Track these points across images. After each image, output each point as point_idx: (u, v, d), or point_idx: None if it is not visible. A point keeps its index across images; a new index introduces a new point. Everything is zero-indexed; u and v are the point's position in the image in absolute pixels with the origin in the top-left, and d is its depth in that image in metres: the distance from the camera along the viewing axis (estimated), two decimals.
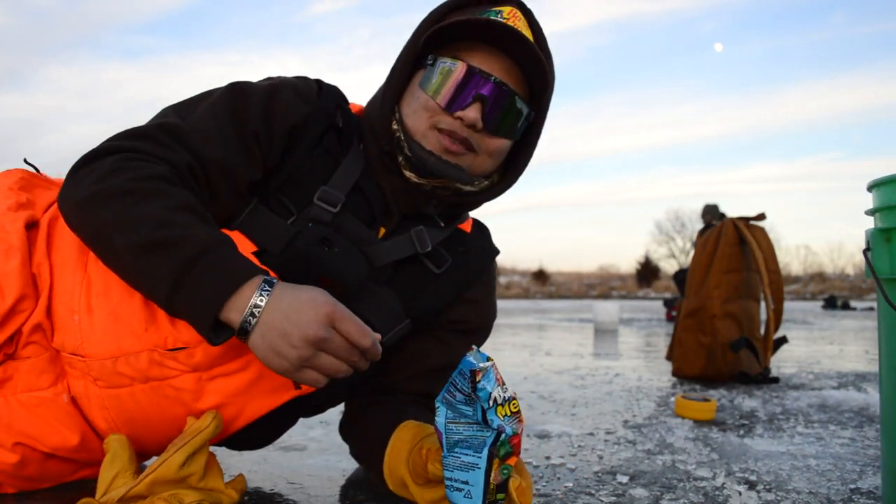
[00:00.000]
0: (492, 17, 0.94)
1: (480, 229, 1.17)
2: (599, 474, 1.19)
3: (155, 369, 0.90)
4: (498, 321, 7.62)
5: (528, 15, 0.99)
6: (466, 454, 0.78)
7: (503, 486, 0.78)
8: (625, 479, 1.15)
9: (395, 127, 0.98)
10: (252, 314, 0.78)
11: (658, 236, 43.47)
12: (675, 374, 2.69)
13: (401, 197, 1.01)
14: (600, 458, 1.31)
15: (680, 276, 8.02)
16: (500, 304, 1.33)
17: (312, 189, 0.98)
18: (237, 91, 0.97)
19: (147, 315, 0.90)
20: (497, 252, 1.18)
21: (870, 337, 5.58)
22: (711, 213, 7.72)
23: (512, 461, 0.77)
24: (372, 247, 0.98)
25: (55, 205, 0.97)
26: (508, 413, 0.77)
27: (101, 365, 0.90)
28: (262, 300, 0.78)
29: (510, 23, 0.94)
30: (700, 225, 8.90)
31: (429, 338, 1.11)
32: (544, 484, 1.12)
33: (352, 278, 0.94)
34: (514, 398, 0.79)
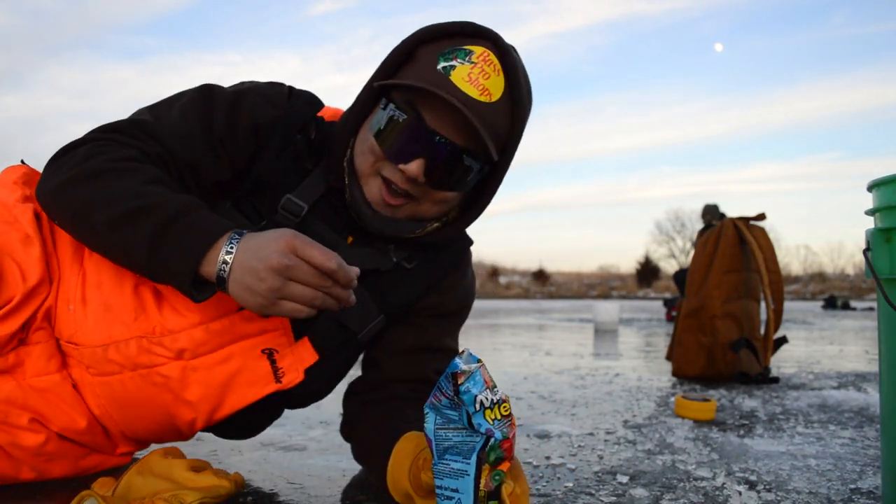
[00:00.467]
0: (446, 64, 0.91)
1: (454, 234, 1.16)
2: (599, 474, 1.19)
3: (143, 356, 0.94)
4: (498, 321, 7.63)
5: (503, 56, 0.94)
6: (456, 461, 0.75)
7: (495, 493, 0.75)
8: (625, 479, 1.15)
9: (344, 165, 0.99)
10: (224, 262, 0.83)
11: (658, 236, 43.52)
12: (675, 374, 2.69)
13: (362, 221, 1.00)
14: (600, 458, 1.31)
15: (680, 276, 8.02)
16: (501, 304, 1.34)
17: (278, 197, 1.00)
18: (206, 94, 1.00)
19: (136, 305, 0.95)
20: (470, 242, 1.17)
21: (870, 337, 5.58)
22: (711, 213, 7.72)
23: (504, 466, 0.75)
24: (339, 249, 0.97)
25: None
26: (498, 416, 0.74)
27: (93, 353, 0.95)
28: (232, 248, 0.83)
29: (477, 70, 0.91)
30: (700, 225, 8.90)
31: (402, 325, 1.13)
32: (544, 484, 1.12)
33: None
34: (505, 401, 0.76)
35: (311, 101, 1.05)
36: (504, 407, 0.75)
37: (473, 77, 0.91)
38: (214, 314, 0.96)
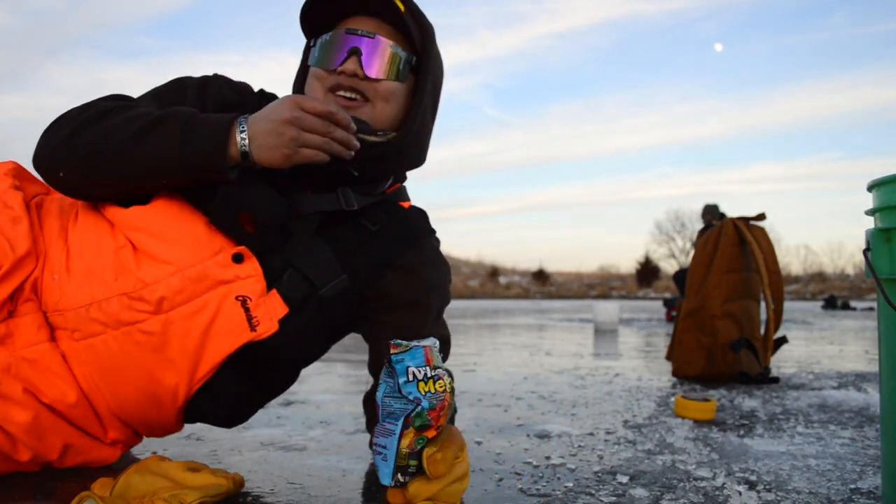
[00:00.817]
0: None
1: (419, 210, 1.24)
2: (599, 474, 1.19)
3: (125, 313, 0.99)
4: (498, 321, 7.63)
5: None
6: (389, 423, 0.86)
7: (417, 455, 0.86)
8: (625, 479, 1.15)
9: None
10: (243, 139, 0.97)
11: (658, 236, 43.48)
12: (675, 374, 2.69)
13: (313, 166, 1.06)
14: (600, 458, 1.31)
15: (680, 276, 8.02)
16: (501, 304, 1.35)
17: None
18: (177, 80, 1.13)
19: (116, 266, 1.01)
20: (434, 232, 1.24)
21: (870, 337, 5.58)
22: (711, 213, 7.72)
23: (429, 433, 0.86)
24: (297, 197, 1.07)
25: (39, 195, 1.13)
26: (432, 390, 0.85)
27: (76, 314, 0.99)
28: (243, 126, 0.97)
29: None
30: (700, 225, 8.90)
31: (386, 327, 1.16)
32: (544, 484, 1.12)
33: (268, 212, 1.03)
34: (441, 378, 0.86)
35: (271, 95, 1.17)
36: (440, 384, 0.86)
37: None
38: (191, 261, 1.01)
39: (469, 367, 2.96)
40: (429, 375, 0.86)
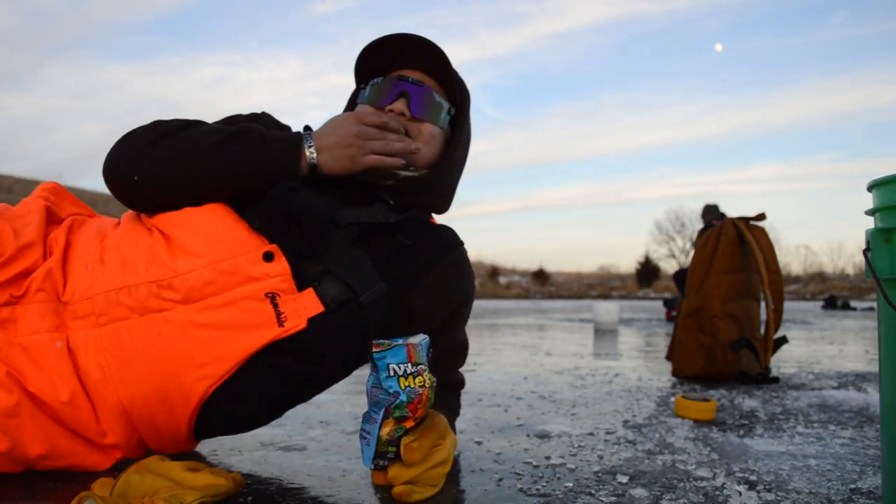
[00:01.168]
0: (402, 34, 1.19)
1: (444, 226, 1.31)
2: (599, 474, 1.19)
3: (152, 300, 1.03)
4: (498, 321, 7.63)
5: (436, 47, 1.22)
6: (374, 411, 0.94)
7: (395, 442, 0.94)
8: (625, 479, 1.15)
9: None
10: (311, 152, 1.09)
11: (658, 236, 43.55)
12: (675, 374, 2.69)
13: (352, 189, 1.18)
14: (600, 458, 1.31)
15: (680, 276, 8.02)
16: (501, 304, 1.38)
17: None
18: (230, 117, 1.21)
19: (149, 258, 1.06)
20: (462, 243, 1.30)
21: (870, 337, 5.58)
22: (711, 213, 7.73)
23: (407, 424, 0.94)
24: (337, 210, 1.13)
25: (80, 216, 1.21)
26: (412, 385, 0.92)
27: (106, 297, 1.04)
28: (311, 142, 1.10)
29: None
30: (700, 225, 8.90)
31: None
32: (544, 484, 1.12)
33: (315, 217, 1.08)
34: (422, 374, 0.93)
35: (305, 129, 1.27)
36: (419, 379, 0.93)
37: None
38: (223, 257, 1.05)
39: (469, 367, 2.96)
40: (409, 371, 0.92)
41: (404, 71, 1.22)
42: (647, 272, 40.84)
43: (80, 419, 1.04)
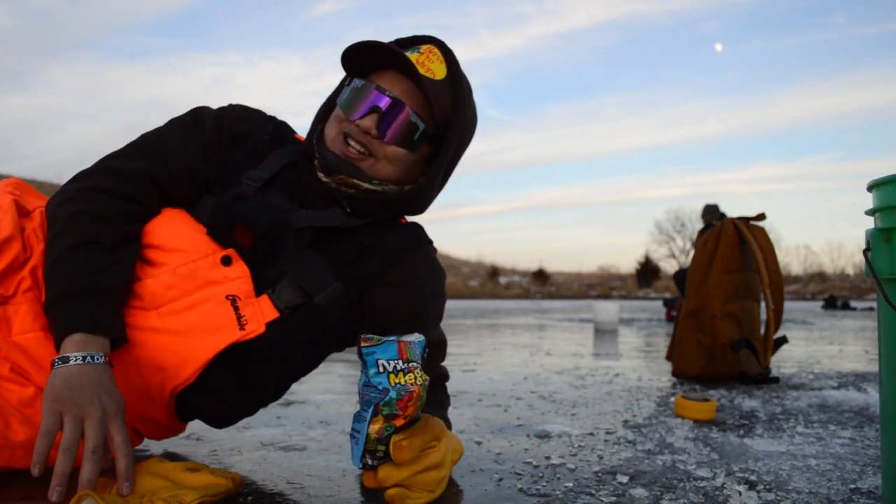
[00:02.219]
0: (403, 50, 1.11)
1: (414, 224, 1.28)
2: (599, 474, 1.19)
3: None
4: (498, 321, 7.62)
5: (445, 52, 1.15)
6: (364, 409, 0.93)
7: (385, 440, 0.92)
8: (625, 479, 1.15)
9: (315, 139, 1.16)
10: (75, 358, 0.92)
11: (658, 236, 43.54)
12: (675, 374, 2.69)
13: (314, 192, 1.15)
14: (600, 458, 1.31)
15: (680, 276, 8.02)
16: (501, 304, 1.36)
17: (242, 174, 1.16)
18: (196, 112, 1.19)
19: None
20: (430, 242, 1.26)
21: (870, 337, 5.58)
22: (711, 213, 7.72)
23: (397, 422, 0.91)
24: (292, 213, 1.13)
25: (39, 208, 1.18)
26: (402, 382, 0.90)
27: None
28: (76, 358, 0.92)
29: (423, 57, 1.12)
30: (700, 225, 8.90)
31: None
32: (544, 484, 1.12)
33: (262, 226, 1.08)
34: (412, 371, 0.92)
35: (285, 125, 1.25)
36: (409, 377, 0.91)
37: (420, 61, 1.11)
38: (182, 261, 1.06)
39: (469, 367, 2.96)
40: (399, 368, 0.91)
41: (388, 76, 1.12)
42: (647, 272, 40.83)
43: None
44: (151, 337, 1.04)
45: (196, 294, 1.05)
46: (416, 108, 1.11)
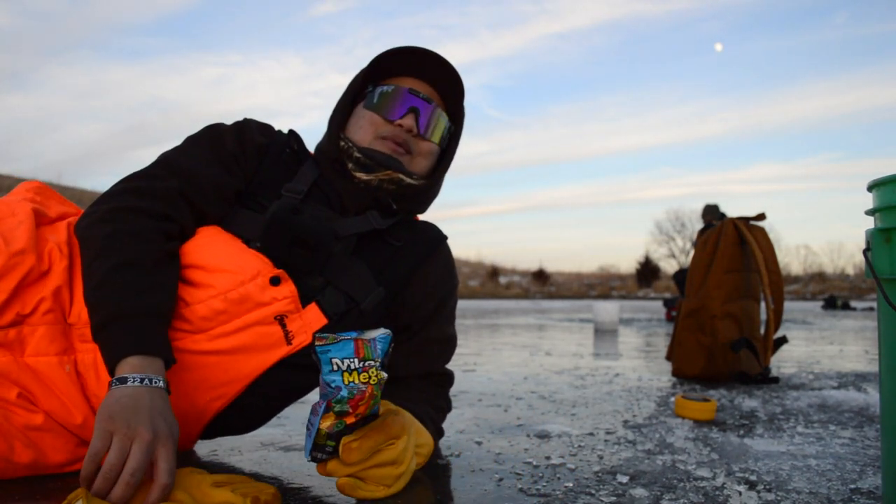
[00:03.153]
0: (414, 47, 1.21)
1: (427, 222, 1.35)
2: (599, 474, 1.19)
3: None
4: (498, 321, 7.62)
5: (440, 55, 1.23)
6: (320, 403, 0.93)
7: (335, 436, 0.92)
8: (625, 479, 1.15)
9: (342, 144, 1.20)
10: (134, 378, 0.89)
11: (658, 236, 43.58)
12: (675, 374, 2.69)
13: (352, 195, 1.20)
14: (600, 458, 1.31)
15: (680, 277, 8.02)
16: (501, 304, 1.39)
17: (279, 187, 1.18)
18: (214, 128, 1.20)
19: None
20: (446, 238, 1.35)
21: (870, 337, 5.58)
22: (712, 213, 7.72)
23: (348, 420, 0.91)
24: (335, 222, 1.16)
25: (63, 215, 1.18)
26: (356, 381, 0.90)
27: None
28: (135, 380, 0.89)
29: (428, 59, 1.21)
30: (700, 225, 8.90)
31: (405, 331, 1.28)
32: (544, 484, 1.12)
33: (320, 238, 1.10)
34: (367, 371, 0.91)
35: (295, 135, 1.28)
36: (364, 375, 0.91)
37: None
38: (231, 285, 1.05)
39: (469, 367, 2.96)
40: (353, 367, 0.90)
41: (416, 83, 1.24)
42: (647, 272, 40.83)
43: (91, 436, 1.03)
44: (201, 359, 1.04)
45: (245, 317, 1.05)
46: (442, 106, 1.26)
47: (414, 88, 1.22)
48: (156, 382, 0.90)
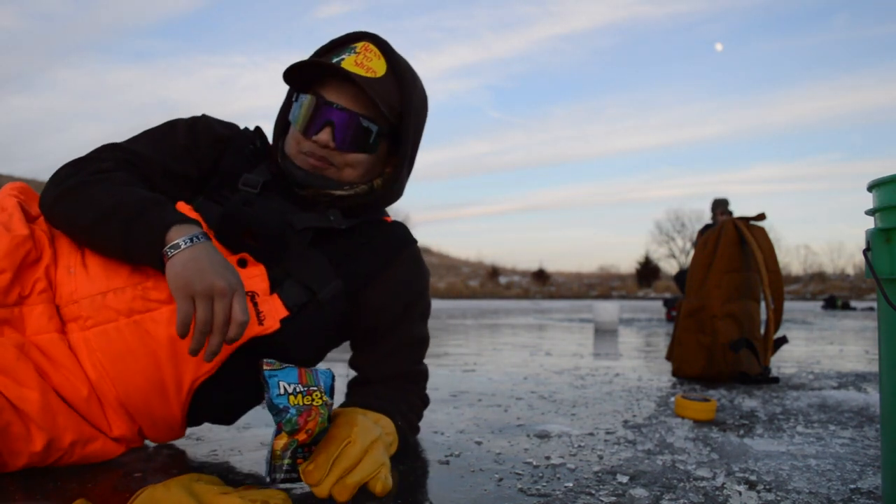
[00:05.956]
0: (337, 59, 1.16)
1: (400, 224, 1.36)
2: (599, 474, 1.19)
3: (138, 302, 1.07)
4: (498, 321, 7.62)
5: (381, 45, 1.20)
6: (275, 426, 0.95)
7: (291, 456, 0.94)
8: (625, 479, 1.15)
9: (279, 159, 1.23)
10: (177, 245, 0.98)
11: (658, 236, 43.59)
12: (675, 374, 2.69)
13: (303, 202, 1.22)
14: (600, 458, 1.31)
15: (681, 278, 7.99)
16: (501, 304, 1.38)
17: (238, 177, 1.21)
18: (169, 122, 1.24)
19: (133, 266, 1.08)
20: (415, 241, 1.35)
21: (870, 337, 5.58)
22: (721, 207, 7.64)
23: (299, 437, 0.93)
24: (291, 215, 1.18)
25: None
26: (300, 403, 0.93)
27: (92, 301, 1.07)
28: (186, 241, 0.98)
29: (360, 56, 1.17)
30: (702, 223, 8.87)
31: (374, 332, 1.29)
32: (544, 484, 1.12)
33: (271, 229, 1.13)
34: (311, 394, 0.95)
35: (258, 128, 1.29)
36: (308, 398, 0.94)
37: (359, 62, 1.16)
38: None
39: (469, 367, 2.96)
40: (298, 391, 0.94)
41: (332, 87, 1.16)
42: (647, 272, 40.83)
43: (93, 413, 1.09)
44: (174, 330, 1.04)
45: None
46: (366, 112, 1.16)
47: (329, 99, 1.15)
48: (203, 238, 1.00)
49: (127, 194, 1.05)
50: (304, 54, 1.24)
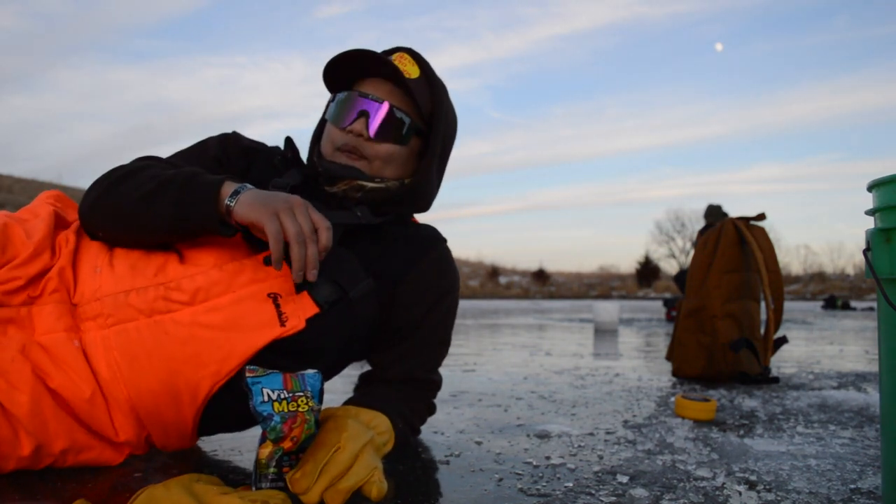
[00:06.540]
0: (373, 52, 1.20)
1: (428, 225, 1.38)
2: (599, 474, 1.19)
3: (160, 302, 1.07)
4: (498, 321, 7.62)
5: (416, 56, 1.26)
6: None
7: (277, 464, 0.92)
8: (625, 479, 1.15)
9: (315, 160, 1.25)
10: (230, 202, 1.02)
11: (658, 236, 43.62)
12: (675, 374, 2.69)
13: (333, 197, 1.23)
14: (600, 458, 1.31)
15: (681, 278, 8.00)
16: (501, 304, 1.39)
17: (267, 184, 1.21)
18: (200, 140, 1.28)
19: (159, 266, 1.10)
20: (445, 241, 1.36)
21: (870, 337, 5.58)
22: (714, 216, 7.68)
23: (285, 444, 0.91)
24: (323, 213, 1.16)
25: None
26: (285, 410, 0.92)
27: (115, 299, 1.06)
28: (239, 191, 1.03)
29: (396, 62, 1.21)
30: (700, 224, 8.88)
31: (398, 332, 1.29)
32: (544, 484, 1.12)
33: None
34: (297, 400, 0.93)
35: (288, 139, 1.31)
36: (293, 404, 0.93)
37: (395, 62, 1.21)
38: (228, 259, 1.11)
39: (469, 367, 2.96)
40: (283, 397, 0.93)
41: (369, 83, 1.23)
42: (647, 272, 40.83)
43: (96, 417, 1.06)
44: (194, 332, 1.06)
45: (240, 291, 1.08)
46: (400, 105, 1.22)
47: (364, 91, 1.22)
48: (252, 186, 1.05)
49: (169, 174, 1.08)
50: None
